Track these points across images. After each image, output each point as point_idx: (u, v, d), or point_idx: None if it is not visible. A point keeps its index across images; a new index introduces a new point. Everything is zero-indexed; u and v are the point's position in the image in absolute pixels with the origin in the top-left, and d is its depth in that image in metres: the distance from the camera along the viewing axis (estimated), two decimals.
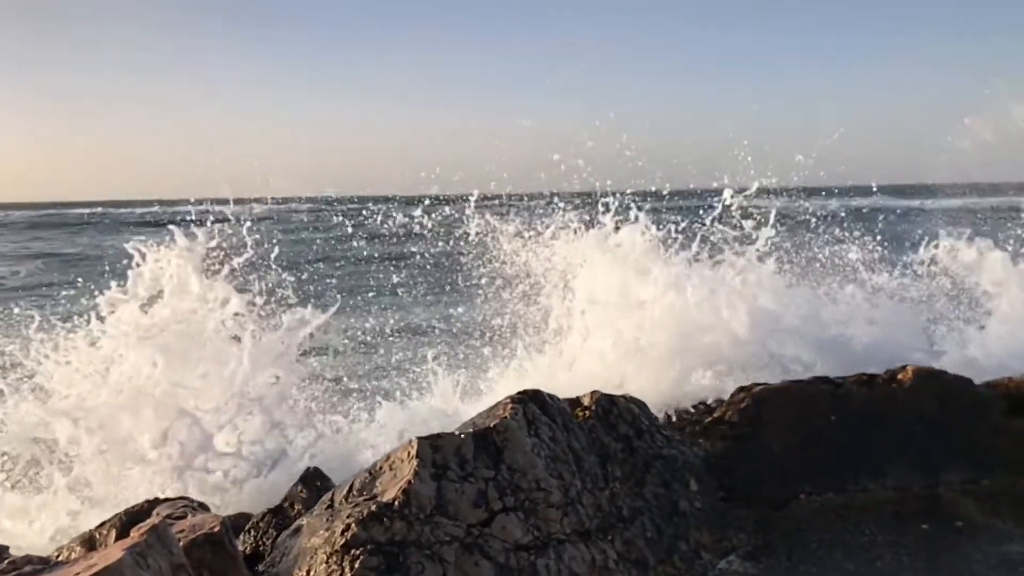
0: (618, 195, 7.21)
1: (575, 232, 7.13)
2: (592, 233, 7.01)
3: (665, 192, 7.95)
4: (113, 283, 5.92)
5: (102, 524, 3.70)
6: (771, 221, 6.99)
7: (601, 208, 7.13)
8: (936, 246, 7.60)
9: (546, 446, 3.96)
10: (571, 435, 4.16)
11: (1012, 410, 5.15)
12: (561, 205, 7.34)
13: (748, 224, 7.05)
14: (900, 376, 5.22)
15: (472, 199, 7.66)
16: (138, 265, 5.99)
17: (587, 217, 7.18)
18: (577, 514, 3.81)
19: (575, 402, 4.48)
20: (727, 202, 7.14)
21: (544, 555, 3.56)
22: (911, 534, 4.30)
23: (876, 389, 5.18)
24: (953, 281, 7.63)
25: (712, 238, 7.09)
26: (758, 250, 6.93)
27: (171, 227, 6.13)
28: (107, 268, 6.46)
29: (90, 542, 3.45)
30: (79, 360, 5.69)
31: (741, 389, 5.22)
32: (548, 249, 7.20)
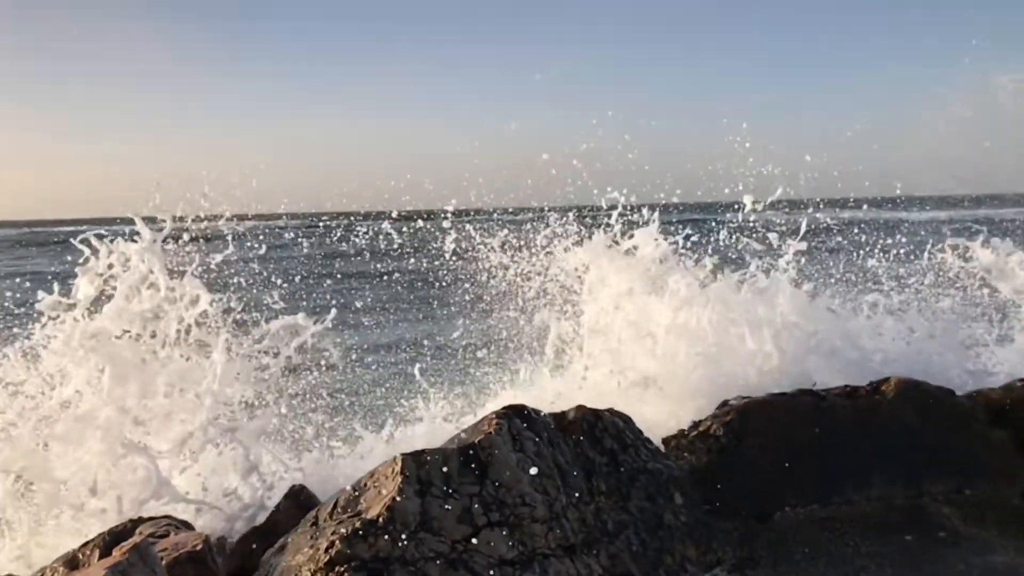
0: (624, 192, 6.43)
1: (577, 237, 6.39)
2: (597, 238, 6.21)
3: (674, 200, 7.05)
4: (56, 285, 4.85)
5: (85, 544, 3.67)
6: (802, 232, 6.27)
7: (605, 204, 6.39)
8: (943, 249, 6.85)
9: (531, 461, 3.96)
10: (556, 450, 4.17)
11: (994, 420, 5.20)
12: (555, 216, 6.61)
13: (772, 235, 6.40)
14: (883, 388, 5.26)
15: (449, 210, 6.87)
16: (86, 262, 4.94)
17: (589, 220, 6.50)
18: (562, 529, 3.81)
19: (560, 416, 4.48)
20: (747, 209, 6.46)
21: (529, 570, 3.56)
22: (895, 545, 4.33)
23: (859, 401, 5.22)
24: (967, 288, 6.83)
25: (731, 253, 6.54)
26: (785, 264, 6.25)
27: (134, 216, 5.05)
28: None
29: (72, 562, 3.43)
30: (9, 379, 4.71)
31: (725, 403, 5.24)
32: (544, 259, 6.46)
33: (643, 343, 5.87)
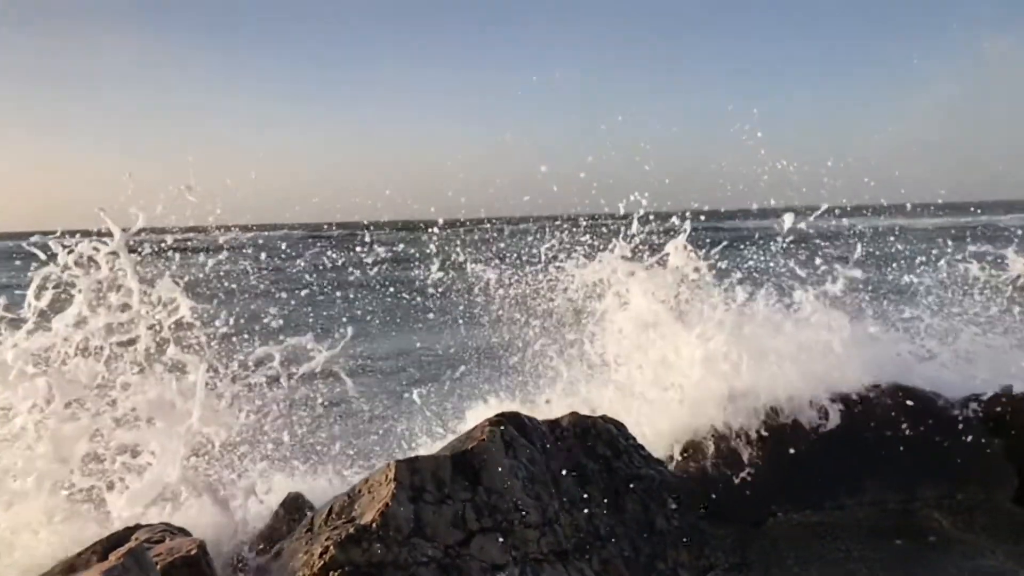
0: (646, 196, 5.72)
1: (589, 249, 5.75)
2: (618, 250, 5.54)
3: (701, 215, 6.10)
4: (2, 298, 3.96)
5: (82, 551, 3.72)
6: (855, 257, 5.60)
7: (623, 210, 5.71)
8: (966, 259, 6.34)
9: (524, 467, 4.01)
10: (549, 456, 4.22)
11: (985, 426, 5.23)
12: (566, 226, 6.03)
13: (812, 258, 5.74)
14: (875, 393, 5.30)
15: (435, 229, 6.20)
16: (41, 267, 4.10)
17: (604, 229, 5.78)
18: (555, 534, 3.85)
19: (554, 424, 4.53)
20: (786, 226, 5.76)
21: (521, 575, 3.60)
22: (886, 549, 4.36)
23: (852, 407, 5.25)
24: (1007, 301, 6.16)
25: (763, 273, 5.90)
26: (839, 292, 5.56)
27: (101, 211, 4.14)
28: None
29: (70, 568, 3.48)
30: None
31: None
32: (555, 275, 5.77)
33: (670, 394, 5.27)
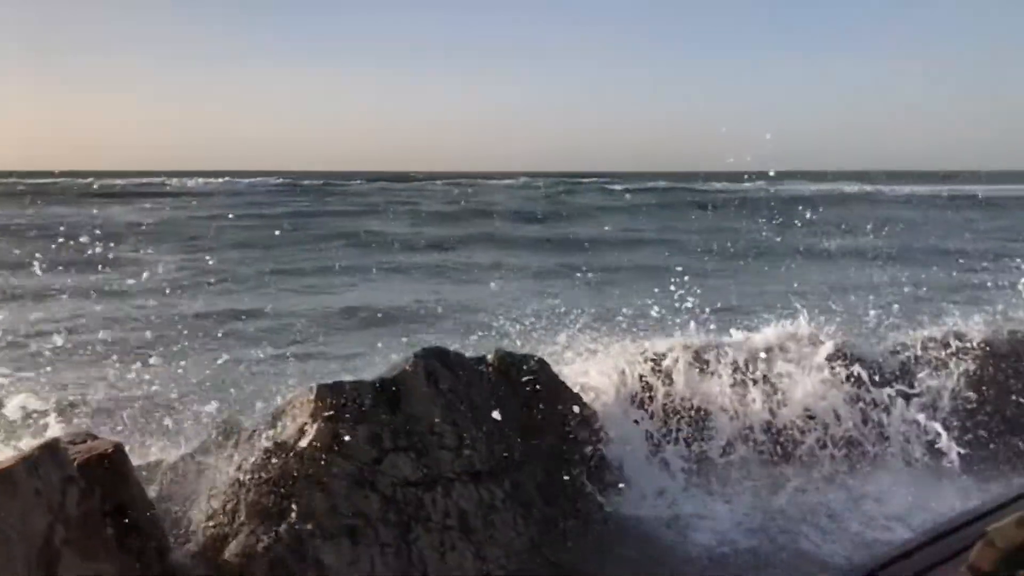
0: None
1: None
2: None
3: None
4: None
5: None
6: None
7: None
8: None
9: (444, 395, 4.22)
10: (472, 388, 4.43)
11: None
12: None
13: None
14: None
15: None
16: None
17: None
18: (469, 457, 4.08)
19: (479, 359, 4.75)
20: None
21: (432, 491, 3.84)
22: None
23: None
24: None
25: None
26: None
27: None
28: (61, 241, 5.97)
29: None
30: None
31: None
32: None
33: None
